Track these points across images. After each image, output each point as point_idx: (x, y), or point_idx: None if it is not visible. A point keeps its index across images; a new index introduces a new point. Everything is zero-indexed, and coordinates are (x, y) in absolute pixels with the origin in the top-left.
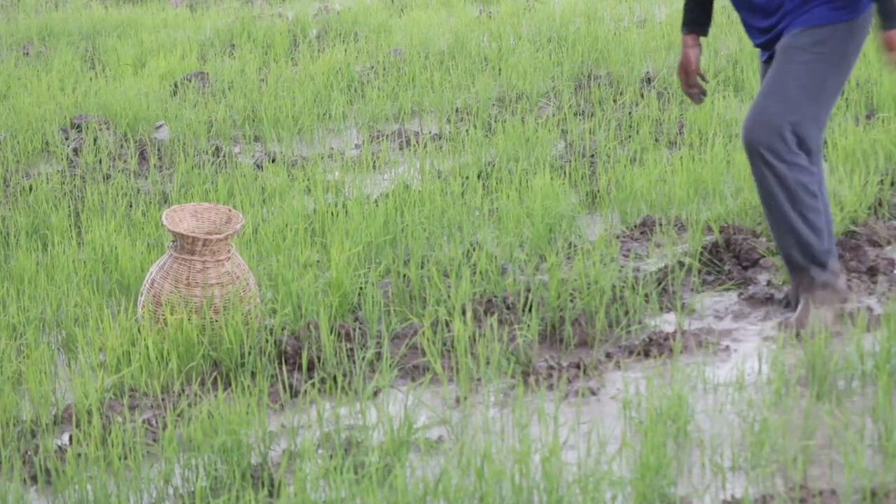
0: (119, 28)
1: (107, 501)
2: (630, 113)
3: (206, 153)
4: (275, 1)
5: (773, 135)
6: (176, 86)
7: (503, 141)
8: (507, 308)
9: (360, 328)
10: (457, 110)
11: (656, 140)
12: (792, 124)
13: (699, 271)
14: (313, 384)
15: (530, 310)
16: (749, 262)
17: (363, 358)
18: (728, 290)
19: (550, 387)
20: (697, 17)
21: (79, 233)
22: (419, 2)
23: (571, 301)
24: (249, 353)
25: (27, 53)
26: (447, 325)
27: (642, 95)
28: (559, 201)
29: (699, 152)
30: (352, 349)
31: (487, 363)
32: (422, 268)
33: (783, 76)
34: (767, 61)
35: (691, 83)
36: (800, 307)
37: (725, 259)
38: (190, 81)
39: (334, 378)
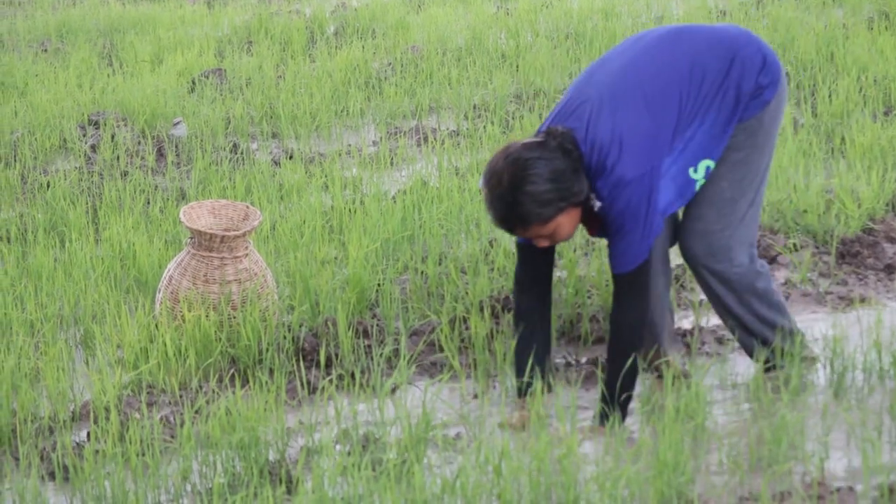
0: (136, 25)
1: (125, 498)
2: None
3: (224, 150)
4: None
5: (712, 253)
6: (193, 82)
7: (521, 138)
8: None
9: (377, 325)
10: (474, 107)
11: None
12: (730, 242)
13: None
14: (331, 381)
15: None
16: (766, 258)
17: (381, 354)
18: None
19: (568, 383)
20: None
21: (96, 230)
22: None
23: (589, 297)
24: (267, 350)
25: (45, 50)
26: (465, 321)
27: None
28: None
29: None
30: (369, 346)
31: (505, 359)
32: (439, 264)
33: (717, 179)
34: None
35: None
36: None
37: None
38: (207, 78)
39: (352, 374)
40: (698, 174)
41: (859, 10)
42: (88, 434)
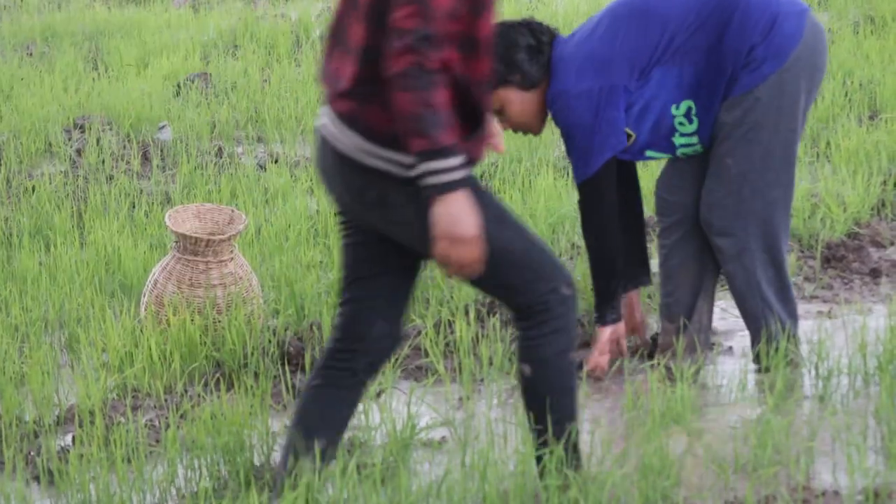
0: (122, 29)
1: (110, 502)
2: None
3: (209, 154)
4: (278, 2)
5: (724, 225)
6: (179, 86)
7: (506, 142)
8: None
9: None
10: None
11: None
12: (743, 217)
13: None
14: None
15: None
16: None
17: None
18: None
19: None
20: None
21: (81, 233)
22: None
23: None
24: (252, 354)
25: (30, 54)
26: (450, 325)
27: None
28: (562, 202)
29: None
30: None
31: (490, 364)
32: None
33: (721, 155)
34: None
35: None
36: None
37: None
38: (193, 82)
39: None
40: (679, 111)
41: (845, 14)
42: (73, 438)
